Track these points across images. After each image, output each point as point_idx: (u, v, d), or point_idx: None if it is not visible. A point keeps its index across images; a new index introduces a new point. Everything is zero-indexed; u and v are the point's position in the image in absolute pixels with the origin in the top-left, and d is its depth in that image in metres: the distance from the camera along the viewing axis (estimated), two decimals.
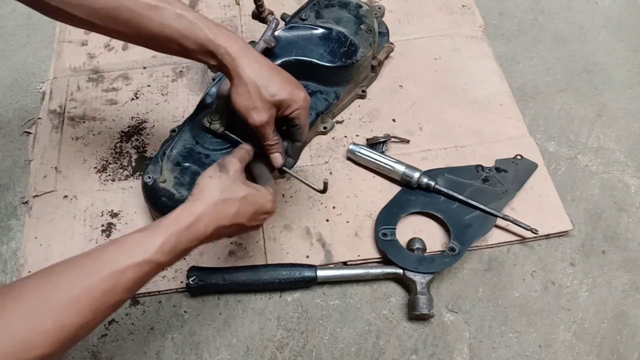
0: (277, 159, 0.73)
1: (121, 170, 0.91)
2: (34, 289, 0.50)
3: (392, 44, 1.02)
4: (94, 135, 0.96)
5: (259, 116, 0.69)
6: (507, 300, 0.80)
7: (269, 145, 0.72)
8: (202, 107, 0.85)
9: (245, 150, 0.72)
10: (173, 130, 0.88)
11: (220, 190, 0.62)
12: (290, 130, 0.74)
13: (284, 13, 0.97)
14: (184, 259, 0.81)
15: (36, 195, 0.88)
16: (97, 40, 1.09)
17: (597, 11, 1.18)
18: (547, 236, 0.85)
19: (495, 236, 0.84)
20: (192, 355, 0.76)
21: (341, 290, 0.81)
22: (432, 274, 0.78)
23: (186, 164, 0.78)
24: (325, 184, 0.73)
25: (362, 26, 0.93)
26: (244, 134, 0.78)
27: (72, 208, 0.87)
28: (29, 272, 0.81)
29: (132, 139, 0.95)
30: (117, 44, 1.08)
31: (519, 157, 0.91)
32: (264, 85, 0.68)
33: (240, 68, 0.67)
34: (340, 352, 0.76)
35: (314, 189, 0.75)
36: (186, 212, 0.59)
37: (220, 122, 0.79)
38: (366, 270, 0.80)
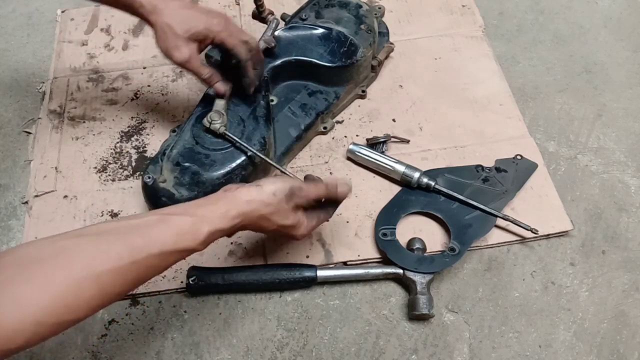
0: (219, 87, 0.79)
1: (121, 170, 0.91)
2: (82, 253, 0.50)
3: (392, 44, 1.02)
4: (94, 135, 0.96)
5: (180, 53, 0.73)
6: (507, 300, 0.80)
7: (205, 80, 0.77)
8: (202, 106, 0.85)
9: (334, 187, 0.71)
10: (173, 130, 0.88)
11: (273, 212, 0.63)
12: (230, 56, 0.77)
13: (284, 13, 0.97)
14: (184, 258, 0.81)
15: (36, 195, 0.88)
16: (97, 40, 1.09)
17: (597, 11, 1.18)
18: (547, 236, 0.85)
19: (495, 236, 0.84)
20: (192, 355, 0.76)
21: (341, 290, 0.81)
22: (432, 274, 0.78)
23: (186, 164, 0.78)
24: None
25: (362, 26, 0.93)
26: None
27: (72, 208, 0.87)
28: None
29: (132, 139, 0.95)
30: (117, 44, 1.08)
31: (519, 157, 0.91)
32: (177, 24, 0.72)
33: (155, 16, 0.72)
34: (340, 352, 0.76)
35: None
36: (238, 213, 0.60)
37: (220, 122, 0.79)
38: (366, 270, 0.80)
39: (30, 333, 0.46)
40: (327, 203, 0.73)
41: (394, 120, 0.97)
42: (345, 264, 0.82)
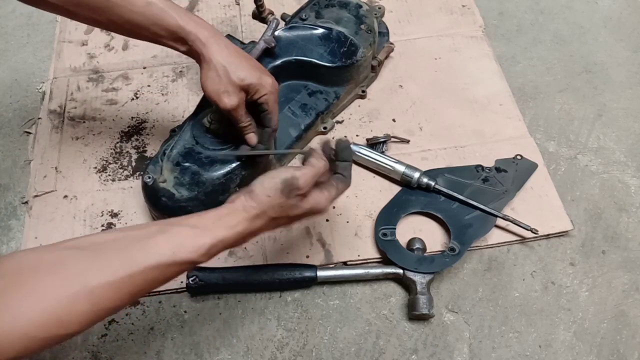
0: (252, 138, 0.76)
1: (121, 170, 0.91)
2: (77, 266, 0.49)
3: (392, 44, 1.02)
4: (94, 135, 0.96)
5: (230, 100, 0.71)
6: (507, 300, 0.80)
7: (243, 127, 0.75)
8: (202, 106, 0.85)
9: (320, 165, 0.63)
10: (173, 130, 0.88)
11: (279, 211, 0.60)
12: (260, 115, 0.75)
13: (284, 13, 0.97)
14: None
15: (36, 195, 0.88)
16: (97, 40, 1.09)
17: (597, 11, 1.18)
18: (547, 236, 0.85)
19: (495, 236, 0.84)
20: (192, 355, 0.76)
21: (341, 290, 0.81)
22: (432, 274, 0.78)
23: (186, 164, 0.78)
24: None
25: (362, 26, 0.93)
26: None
27: (72, 208, 0.87)
28: None
29: (132, 139, 0.95)
30: (117, 44, 1.08)
31: (519, 157, 0.91)
32: (233, 70, 0.70)
33: (210, 53, 0.69)
34: (340, 352, 0.76)
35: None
36: (242, 222, 0.58)
37: (220, 122, 0.79)
38: (366, 270, 0.80)
39: (20, 346, 0.44)
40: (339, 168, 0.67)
41: (394, 120, 0.97)
42: (345, 264, 0.82)
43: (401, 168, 0.87)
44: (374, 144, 0.91)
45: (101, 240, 0.52)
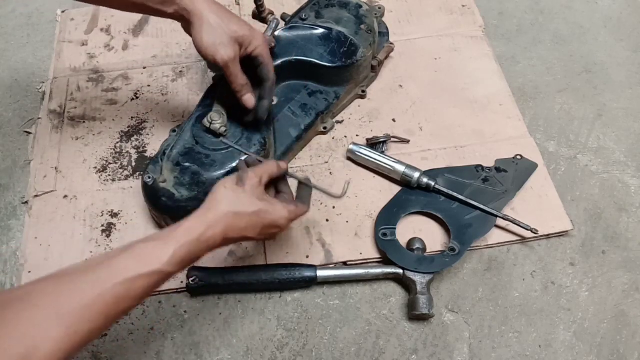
0: (249, 100, 0.76)
1: (121, 170, 0.91)
2: (44, 293, 0.49)
3: (392, 44, 1.02)
4: (94, 135, 0.96)
5: (227, 51, 0.71)
6: (507, 300, 0.80)
7: (239, 86, 0.75)
8: (202, 106, 0.85)
9: (272, 166, 0.69)
10: (173, 130, 0.88)
11: (232, 202, 0.62)
12: (257, 70, 0.76)
13: (284, 13, 0.97)
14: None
15: (36, 195, 0.88)
16: (97, 40, 1.09)
17: (597, 11, 1.18)
18: (547, 236, 0.85)
19: (495, 236, 0.84)
20: (192, 355, 0.76)
21: (341, 290, 0.81)
22: (432, 274, 0.78)
23: (186, 164, 0.78)
24: (345, 189, 0.72)
25: (362, 26, 0.93)
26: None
27: (72, 208, 0.87)
28: (29, 272, 0.81)
29: (132, 139, 0.95)
30: (117, 44, 1.08)
31: (519, 157, 0.91)
32: (225, 22, 0.71)
33: (200, 8, 0.70)
34: (340, 352, 0.76)
35: (331, 194, 0.72)
36: (197, 222, 0.59)
37: (220, 122, 0.79)
38: (366, 270, 0.80)
39: None
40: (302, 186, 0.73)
41: (394, 120, 0.97)
42: (345, 264, 0.82)
43: (401, 168, 0.87)
44: (374, 144, 0.91)
45: (69, 269, 0.53)
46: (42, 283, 0.50)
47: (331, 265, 0.82)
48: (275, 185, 0.72)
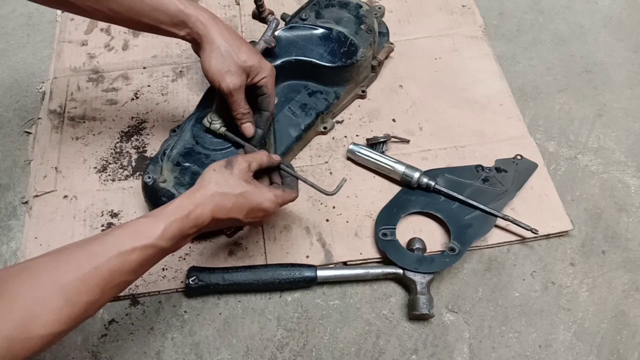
0: (249, 128, 0.77)
1: (121, 170, 0.91)
2: (45, 268, 0.52)
3: (392, 44, 1.02)
4: (94, 135, 0.96)
5: (232, 80, 0.72)
6: (507, 300, 0.80)
7: (240, 114, 0.76)
8: (202, 106, 0.85)
9: (263, 155, 0.71)
10: (173, 130, 0.88)
11: (219, 183, 0.65)
12: (258, 100, 0.77)
13: (284, 13, 0.97)
14: (184, 258, 0.81)
15: (36, 195, 0.88)
16: (97, 40, 1.09)
17: (597, 11, 1.18)
18: (547, 236, 0.85)
19: (495, 236, 0.84)
20: (192, 355, 0.76)
21: (341, 290, 0.81)
22: (432, 274, 0.78)
23: (186, 164, 0.78)
24: (338, 186, 0.73)
25: (362, 26, 0.93)
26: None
27: (72, 208, 0.87)
28: None
29: (132, 139, 0.95)
30: (117, 44, 1.08)
31: (519, 157, 0.91)
32: (235, 51, 0.71)
33: (212, 33, 0.71)
34: (340, 352, 0.76)
35: (323, 191, 0.74)
36: (186, 200, 0.62)
37: (220, 122, 0.79)
38: (366, 270, 0.80)
39: (2, 350, 0.46)
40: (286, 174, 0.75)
41: (394, 120, 0.97)
42: (345, 264, 0.82)
43: (401, 168, 0.87)
44: (374, 144, 0.91)
45: (66, 246, 0.56)
46: (40, 258, 0.53)
47: (331, 265, 0.82)
48: (269, 176, 0.74)
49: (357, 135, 0.95)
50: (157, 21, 0.71)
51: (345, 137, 0.95)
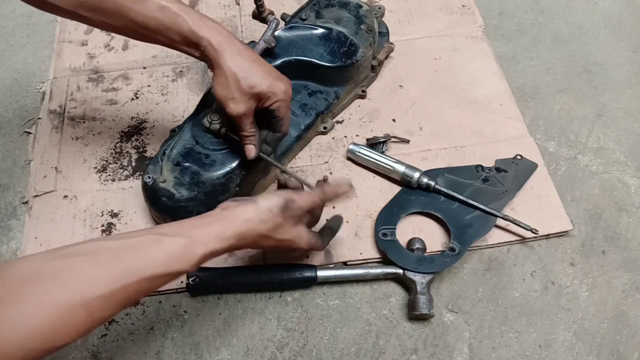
0: (251, 151, 0.75)
1: (121, 170, 0.91)
2: (74, 273, 0.50)
3: (392, 44, 1.02)
4: (94, 135, 0.96)
5: (237, 107, 0.70)
6: (507, 300, 0.80)
7: (244, 136, 0.74)
8: (202, 106, 0.85)
9: (316, 197, 0.70)
10: (173, 130, 0.88)
11: (270, 228, 0.63)
12: (270, 121, 0.75)
13: (284, 13, 0.97)
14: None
15: (36, 195, 0.88)
16: (97, 40, 1.09)
17: (597, 11, 1.18)
18: (547, 236, 0.85)
19: (495, 236, 0.84)
20: (192, 355, 0.76)
21: (341, 290, 0.81)
22: (432, 274, 0.78)
23: (186, 164, 0.78)
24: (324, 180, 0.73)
25: (362, 26, 0.93)
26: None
27: (72, 208, 0.87)
28: None
29: (132, 139, 0.95)
30: (117, 44, 1.08)
31: (519, 157, 0.91)
32: (244, 77, 0.69)
33: (221, 59, 0.68)
34: (340, 352, 0.76)
35: (308, 184, 0.74)
36: (232, 234, 0.60)
37: (220, 122, 0.79)
38: (366, 270, 0.80)
39: (16, 357, 0.45)
40: (329, 227, 0.75)
41: (394, 120, 0.97)
42: (345, 264, 0.82)
43: (401, 168, 0.87)
44: (374, 144, 0.91)
45: (98, 248, 0.53)
46: (71, 260, 0.51)
47: (331, 265, 0.82)
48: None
49: (357, 135, 0.95)
50: (171, 40, 0.70)
51: (345, 137, 0.95)
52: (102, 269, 0.51)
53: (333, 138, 0.95)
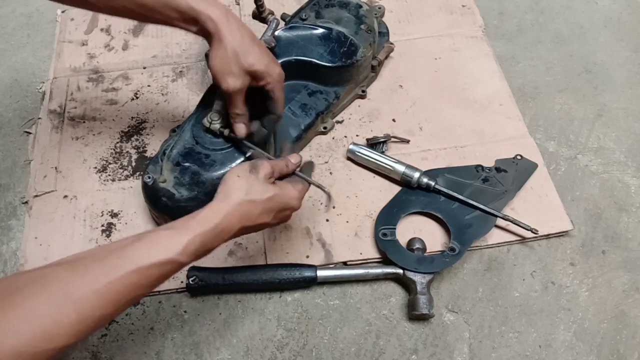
0: (241, 129, 0.76)
1: (121, 170, 0.91)
2: (58, 279, 0.50)
3: (392, 44, 1.02)
4: (94, 135, 0.96)
5: (234, 81, 0.70)
6: (507, 300, 0.80)
7: (235, 114, 0.74)
8: (202, 106, 0.85)
9: (283, 162, 0.70)
10: (173, 130, 0.88)
11: (246, 191, 0.62)
12: (265, 102, 0.75)
13: (284, 13, 0.97)
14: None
15: (36, 195, 0.88)
16: (97, 40, 1.09)
17: (597, 11, 1.18)
18: (547, 236, 0.85)
19: (495, 236, 0.84)
20: (192, 355, 0.76)
21: (341, 290, 0.81)
22: (432, 274, 0.78)
23: (186, 164, 0.78)
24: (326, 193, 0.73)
25: (362, 26, 0.93)
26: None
27: (72, 208, 0.87)
28: None
29: (132, 139, 0.95)
30: (117, 44, 1.08)
31: (519, 157, 0.91)
32: (243, 53, 0.69)
33: (222, 33, 0.68)
34: (340, 352, 0.76)
35: (324, 190, 0.73)
36: (213, 213, 0.59)
37: (220, 122, 0.79)
38: (366, 270, 0.80)
39: None
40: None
41: (394, 120, 0.97)
42: (345, 264, 0.82)
43: (401, 168, 0.87)
44: (374, 144, 0.91)
45: (81, 255, 0.53)
46: (55, 268, 0.51)
47: (331, 265, 0.82)
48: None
49: (357, 135, 0.95)
50: (169, 17, 0.70)
51: (345, 137, 0.95)
52: (85, 269, 0.51)
53: (333, 138, 0.95)
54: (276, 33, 0.88)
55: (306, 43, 0.91)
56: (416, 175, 0.86)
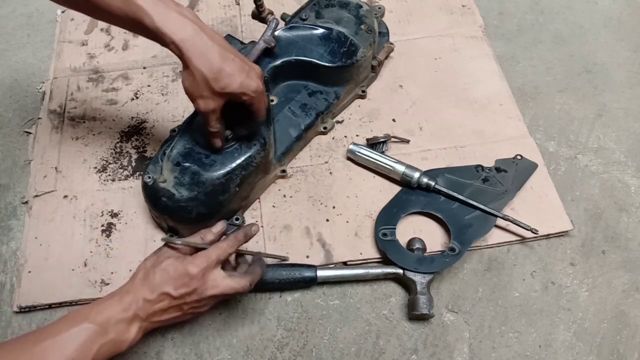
0: (216, 143, 0.77)
1: (121, 170, 0.91)
2: None
3: (392, 44, 1.02)
4: (94, 135, 0.96)
5: (205, 104, 0.69)
6: (507, 300, 0.80)
7: (209, 132, 0.74)
8: None
9: (224, 246, 0.68)
10: (173, 130, 0.88)
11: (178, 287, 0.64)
12: (245, 111, 0.74)
13: (284, 13, 0.97)
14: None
15: (36, 195, 0.88)
16: (97, 40, 1.09)
17: (597, 11, 1.18)
18: (547, 236, 0.85)
19: (495, 236, 0.84)
20: (192, 355, 0.76)
21: (341, 290, 0.81)
22: (432, 274, 0.78)
23: (186, 164, 0.78)
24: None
25: (362, 26, 0.93)
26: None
27: (72, 208, 0.87)
28: (29, 272, 0.81)
29: (132, 139, 0.95)
30: (117, 44, 1.08)
31: (519, 157, 0.91)
32: (213, 78, 0.66)
33: (186, 58, 0.65)
34: (340, 352, 0.76)
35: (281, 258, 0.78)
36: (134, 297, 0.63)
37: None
38: (366, 270, 0.80)
39: None
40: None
41: (394, 120, 0.97)
42: (345, 264, 0.82)
43: (401, 168, 0.87)
44: (374, 144, 0.91)
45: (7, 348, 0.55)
46: None
47: (331, 265, 0.82)
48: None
49: (357, 135, 0.95)
50: (139, 33, 0.68)
51: (345, 137, 0.95)
52: None
53: (333, 138, 0.95)
54: (276, 33, 0.88)
55: (306, 43, 0.91)
56: (416, 175, 0.86)
